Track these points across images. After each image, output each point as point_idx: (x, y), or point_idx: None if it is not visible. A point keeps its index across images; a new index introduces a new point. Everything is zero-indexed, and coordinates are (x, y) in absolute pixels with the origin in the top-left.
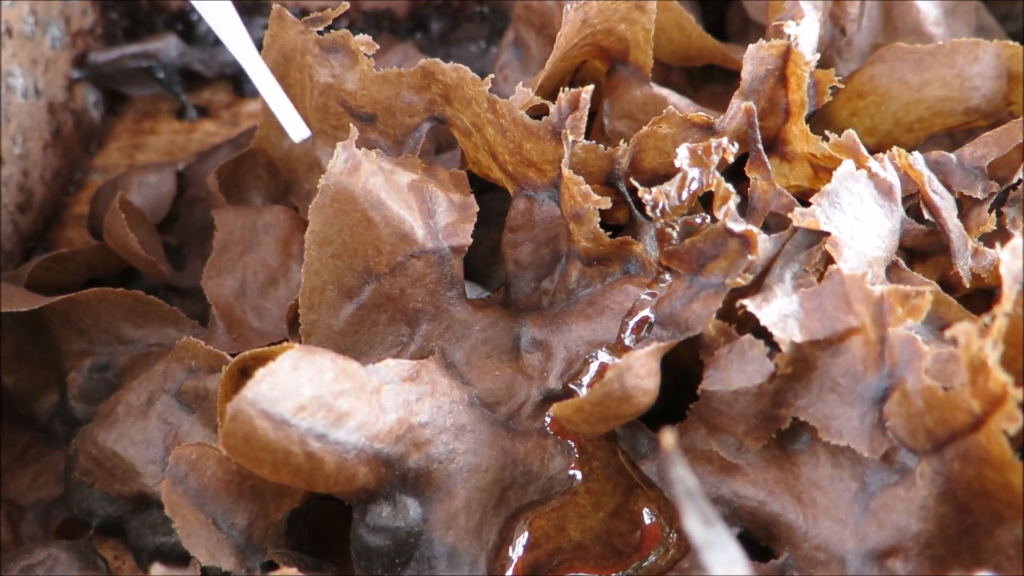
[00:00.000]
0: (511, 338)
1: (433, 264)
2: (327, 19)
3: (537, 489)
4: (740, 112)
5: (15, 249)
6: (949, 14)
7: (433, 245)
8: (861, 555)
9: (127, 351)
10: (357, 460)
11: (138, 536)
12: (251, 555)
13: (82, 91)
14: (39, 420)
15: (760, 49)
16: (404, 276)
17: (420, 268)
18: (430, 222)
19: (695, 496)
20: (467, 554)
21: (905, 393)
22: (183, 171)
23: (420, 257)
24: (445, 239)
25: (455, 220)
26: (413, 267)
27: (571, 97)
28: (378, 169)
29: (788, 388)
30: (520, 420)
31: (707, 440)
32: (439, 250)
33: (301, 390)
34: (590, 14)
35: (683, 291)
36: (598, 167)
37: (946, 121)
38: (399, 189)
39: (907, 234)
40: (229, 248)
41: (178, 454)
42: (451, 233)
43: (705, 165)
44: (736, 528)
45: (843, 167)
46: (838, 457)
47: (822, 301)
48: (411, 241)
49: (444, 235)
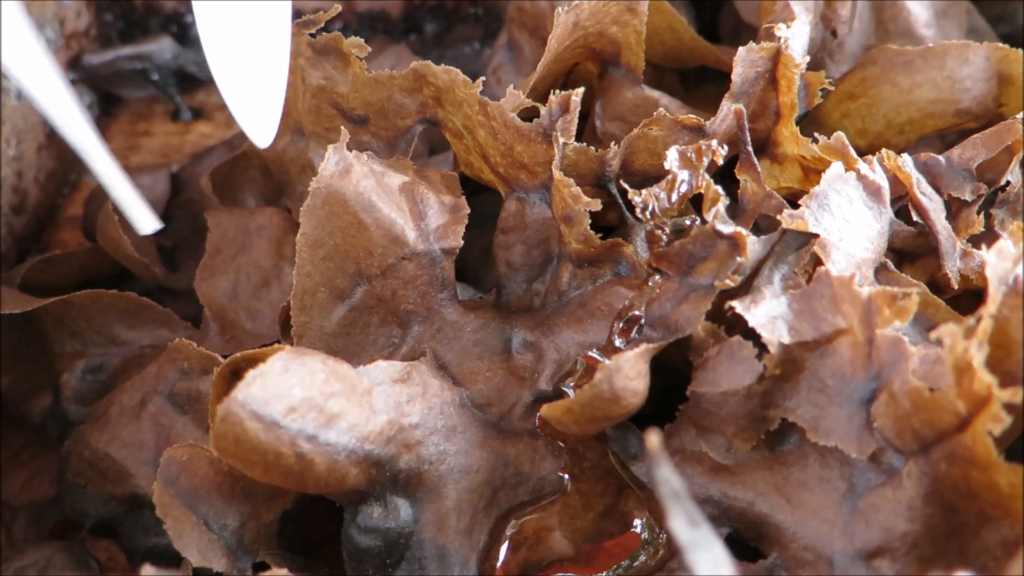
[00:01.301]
0: (502, 340)
1: (424, 266)
2: (320, 21)
3: (528, 490)
4: (731, 114)
5: (9, 251)
6: (940, 16)
7: (424, 247)
8: (849, 555)
9: (120, 353)
10: (348, 461)
11: (131, 537)
12: (242, 556)
13: (77, 93)
14: (32, 421)
15: (750, 51)
16: (395, 278)
17: (411, 270)
18: (421, 224)
19: (680, 497)
20: (458, 555)
21: (892, 394)
22: (177, 173)
23: (411, 259)
24: (436, 241)
25: (446, 222)
26: (404, 269)
27: (561, 100)
28: (369, 172)
29: (777, 389)
30: (511, 421)
31: (696, 441)
32: (430, 252)
33: (292, 391)
34: (582, 16)
35: (673, 293)
36: (589, 169)
37: (937, 123)
38: (390, 191)
39: (896, 236)
40: (222, 250)
41: (169, 455)
42: (442, 235)
43: (695, 167)
44: (725, 529)
45: (832, 169)
46: (826, 458)
47: (810, 303)
48: (402, 243)
49: (435, 237)
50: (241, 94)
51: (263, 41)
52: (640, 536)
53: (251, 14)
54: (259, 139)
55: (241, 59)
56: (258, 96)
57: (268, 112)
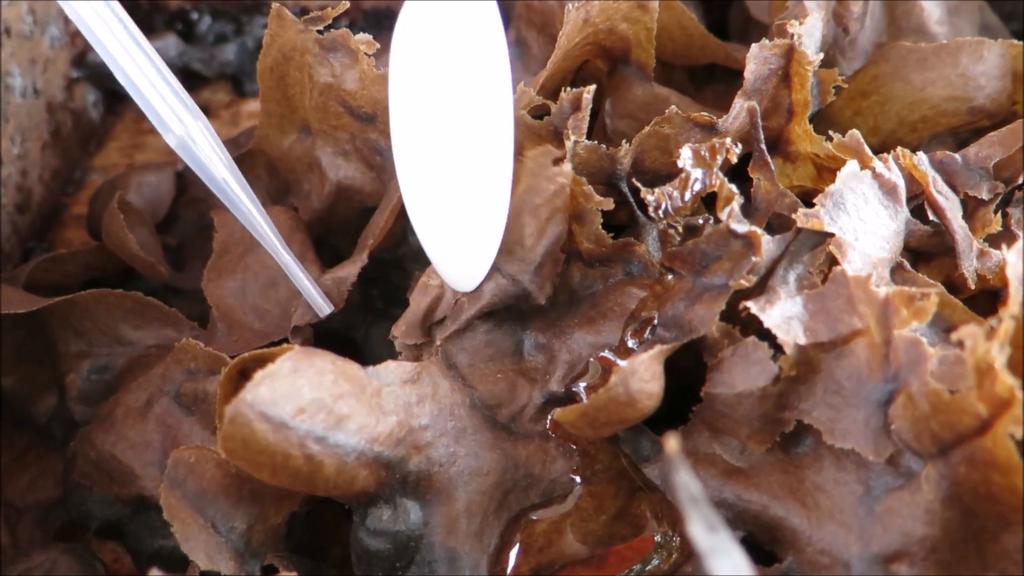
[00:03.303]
0: (513, 340)
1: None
2: (327, 18)
3: (539, 492)
4: (743, 112)
5: (14, 250)
6: (953, 13)
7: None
8: (866, 559)
9: (126, 352)
10: (357, 463)
11: (137, 539)
12: (250, 559)
13: (81, 91)
14: (38, 422)
15: (763, 48)
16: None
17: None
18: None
19: (699, 501)
20: (468, 558)
21: (910, 396)
22: (182, 171)
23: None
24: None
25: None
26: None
27: (573, 97)
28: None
29: (792, 391)
30: (522, 423)
31: (710, 443)
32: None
33: (300, 392)
34: (592, 13)
35: (686, 293)
36: (600, 167)
37: (950, 121)
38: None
39: (912, 235)
40: (229, 249)
41: (177, 457)
42: None
43: (708, 166)
44: (739, 532)
45: (847, 167)
46: (842, 460)
47: (826, 303)
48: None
49: None
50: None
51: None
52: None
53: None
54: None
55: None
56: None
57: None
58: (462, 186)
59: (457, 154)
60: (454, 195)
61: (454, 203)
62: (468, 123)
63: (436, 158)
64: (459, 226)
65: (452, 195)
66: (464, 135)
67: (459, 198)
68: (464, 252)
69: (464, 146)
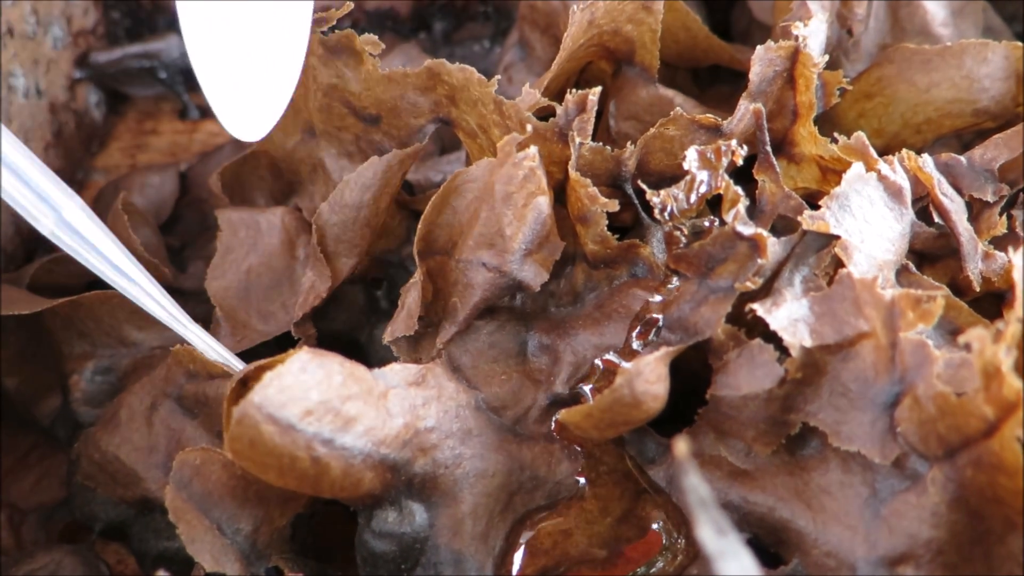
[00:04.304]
0: (518, 342)
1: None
2: (331, 19)
3: (544, 494)
4: (748, 114)
5: (17, 251)
6: (957, 15)
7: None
8: (872, 562)
9: (129, 354)
10: (363, 465)
11: (141, 541)
12: (256, 560)
13: (84, 91)
14: (41, 423)
15: (768, 50)
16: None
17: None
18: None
19: (708, 505)
20: (473, 560)
21: (916, 398)
22: (186, 172)
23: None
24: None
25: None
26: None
27: (578, 99)
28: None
29: (798, 393)
30: (527, 425)
31: (716, 445)
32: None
33: (308, 394)
34: (596, 15)
35: (692, 295)
36: (605, 169)
37: (955, 122)
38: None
39: (917, 237)
40: (233, 250)
41: (182, 459)
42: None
43: (714, 168)
44: (745, 534)
45: (853, 170)
46: (848, 463)
47: (832, 305)
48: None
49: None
50: (222, 85)
51: (276, 31)
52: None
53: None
54: (245, 133)
55: (228, 46)
56: (253, 88)
57: (267, 107)
58: (246, 25)
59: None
60: (237, 34)
61: (237, 41)
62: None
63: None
64: (242, 67)
65: (235, 34)
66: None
67: (243, 37)
68: (248, 97)
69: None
